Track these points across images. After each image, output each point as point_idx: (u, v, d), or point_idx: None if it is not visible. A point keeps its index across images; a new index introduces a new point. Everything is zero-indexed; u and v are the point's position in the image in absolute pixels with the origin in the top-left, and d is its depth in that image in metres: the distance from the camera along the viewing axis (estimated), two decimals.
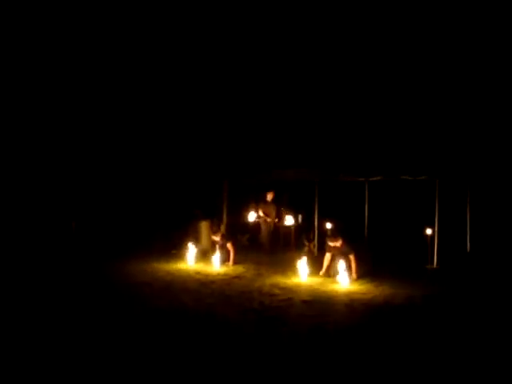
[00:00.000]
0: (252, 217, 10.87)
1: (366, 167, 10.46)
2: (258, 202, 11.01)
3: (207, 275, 8.29)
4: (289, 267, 8.51)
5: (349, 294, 6.68)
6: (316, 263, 8.35)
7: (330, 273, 7.67)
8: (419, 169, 9.56)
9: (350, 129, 14.88)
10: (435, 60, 14.31)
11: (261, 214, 10.77)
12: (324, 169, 10.65)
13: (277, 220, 10.88)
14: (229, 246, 9.29)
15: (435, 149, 11.93)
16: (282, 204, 12.26)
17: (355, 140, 14.31)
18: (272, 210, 10.79)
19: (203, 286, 7.41)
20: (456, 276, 8.12)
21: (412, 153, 11.73)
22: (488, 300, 6.43)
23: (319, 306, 6.02)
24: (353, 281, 7.39)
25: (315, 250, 10.34)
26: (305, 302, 6.27)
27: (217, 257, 9.05)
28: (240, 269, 8.84)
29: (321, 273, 7.87)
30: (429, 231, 9.17)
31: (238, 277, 8.14)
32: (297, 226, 11.83)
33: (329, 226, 10.64)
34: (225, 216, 11.69)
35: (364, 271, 7.86)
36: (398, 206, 12.56)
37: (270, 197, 10.83)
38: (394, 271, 8.35)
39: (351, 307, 6.01)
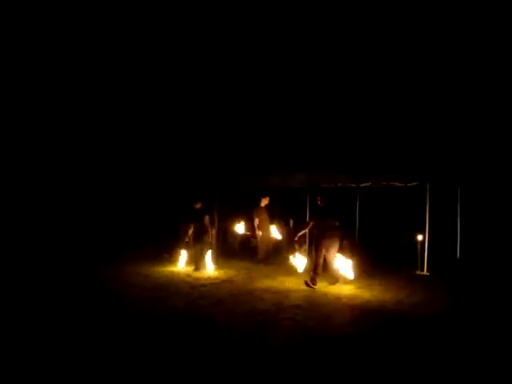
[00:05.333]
0: (241, 229, 10.46)
1: (356, 173, 10.49)
2: (252, 209, 10.20)
3: (198, 278, 8.24)
4: (280, 272, 8.49)
5: (339, 299, 6.67)
6: (306, 268, 8.36)
7: (327, 270, 7.70)
8: (410, 174, 9.62)
9: (341, 135, 14.98)
10: (424, 68, 14.48)
11: (256, 222, 9.97)
12: (315, 174, 10.65)
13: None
14: (206, 221, 9.15)
15: (425, 154, 12.02)
16: (274, 209, 12.22)
17: (346, 146, 14.40)
18: (267, 220, 9.95)
19: (194, 288, 7.36)
20: (446, 282, 8.15)
21: (402, 158, 11.79)
22: (478, 306, 6.47)
23: (310, 311, 5.99)
24: (349, 280, 7.53)
25: (306, 254, 10.32)
26: (296, 306, 6.25)
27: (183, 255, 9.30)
28: (231, 272, 8.82)
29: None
30: (419, 237, 9.22)
31: (228, 280, 8.11)
32: (288, 231, 11.81)
33: None
34: (216, 224, 11.59)
35: (355, 276, 7.87)
36: (389, 211, 12.63)
37: (264, 203, 10.08)
38: (384, 277, 8.37)
39: (341, 312, 6.00)
